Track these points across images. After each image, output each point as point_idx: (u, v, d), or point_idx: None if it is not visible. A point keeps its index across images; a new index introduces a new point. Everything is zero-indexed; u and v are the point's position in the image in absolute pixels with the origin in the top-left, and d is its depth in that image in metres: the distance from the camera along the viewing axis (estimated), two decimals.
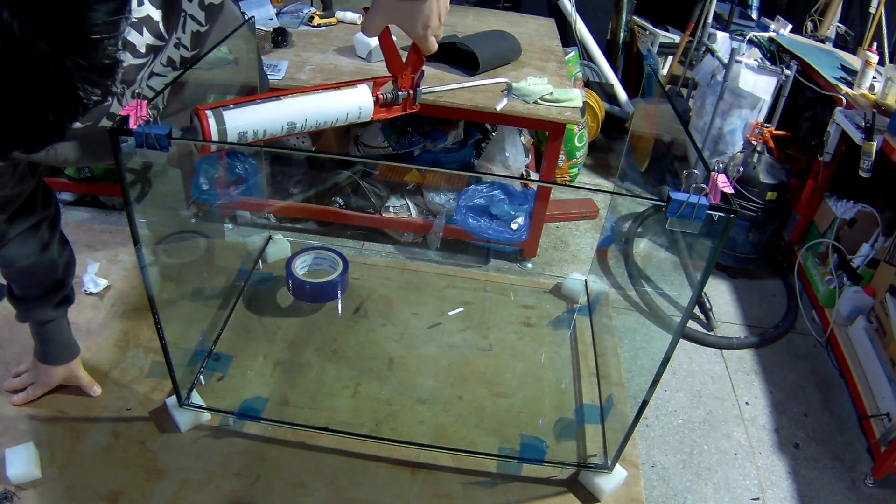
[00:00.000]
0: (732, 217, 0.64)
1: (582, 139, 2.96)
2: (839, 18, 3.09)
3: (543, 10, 3.22)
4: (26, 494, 0.83)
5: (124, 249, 1.27)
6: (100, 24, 0.46)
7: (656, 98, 3.08)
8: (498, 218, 2.37)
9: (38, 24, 0.43)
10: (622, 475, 0.91)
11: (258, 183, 2.21)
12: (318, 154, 3.22)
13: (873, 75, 2.32)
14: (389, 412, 1.00)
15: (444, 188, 2.46)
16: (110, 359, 1.04)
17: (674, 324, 2.17)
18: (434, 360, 1.11)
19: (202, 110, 0.73)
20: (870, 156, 2.00)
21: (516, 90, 2.08)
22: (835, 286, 2.25)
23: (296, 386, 1.02)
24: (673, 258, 2.62)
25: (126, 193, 0.72)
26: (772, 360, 2.18)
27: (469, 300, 1.24)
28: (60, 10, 0.44)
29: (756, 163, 2.34)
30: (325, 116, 0.82)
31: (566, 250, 2.62)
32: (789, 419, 1.96)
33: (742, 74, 2.58)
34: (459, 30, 2.60)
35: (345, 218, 2.43)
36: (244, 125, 0.76)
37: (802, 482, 1.77)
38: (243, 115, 0.76)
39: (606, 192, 1.71)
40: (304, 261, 1.18)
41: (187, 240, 1.35)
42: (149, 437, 0.92)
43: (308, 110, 0.81)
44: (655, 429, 1.88)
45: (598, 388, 1.08)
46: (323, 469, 0.90)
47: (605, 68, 3.31)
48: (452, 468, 0.93)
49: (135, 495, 0.84)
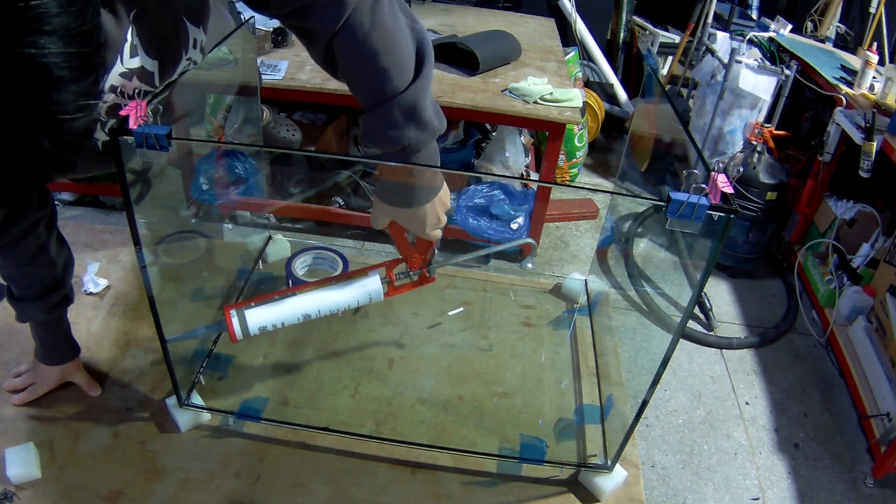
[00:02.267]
0: (732, 217, 0.64)
1: (582, 139, 2.96)
2: (839, 18, 3.09)
3: (543, 10, 3.22)
4: (26, 494, 0.83)
5: (124, 249, 1.27)
6: (69, 105, 0.45)
7: (656, 98, 3.08)
8: (498, 218, 2.37)
9: (4, 101, 0.42)
10: (622, 475, 0.91)
11: (258, 183, 2.21)
12: (318, 154, 3.22)
13: (873, 75, 2.31)
14: (389, 412, 1.00)
15: None
16: (110, 359, 1.04)
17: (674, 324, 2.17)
18: (434, 360, 1.11)
19: (227, 310, 0.84)
20: (870, 156, 2.00)
21: (516, 90, 2.08)
22: (835, 286, 2.25)
23: (296, 386, 1.02)
24: (673, 258, 2.62)
25: (126, 193, 0.72)
26: (772, 360, 2.18)
27: (469, 300, 1.24)
28: (28, 89, 0.42)
29: (756, 163, 2.34)
30: (337, 306, 0.89)
31: (566, 250, 2.62)
32: (789, 419, 1.96)
33: (742, 74, 2.57)
34: (459, 30, 2.60)
35: (345, 218, 2.43)
36: (264, 322, 0.85)
37: (802, 482, 1.77)
38: (263, 314, 0.85)
39: (606, 192, 1.71)
40: (304, 261, 1.18)
41: (187, 240, 1.35)
42: (149, 437, 0.92)
43: (322, 303, 0.88)
44: (655, 429, 1.88)
45: (598, 388, 1.08)
46: (323, 469, 0.90)
47: (605, 68, 3.31)
48: (452, 468, 0.93)
49: (135, 495, 0.84)
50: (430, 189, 0.84)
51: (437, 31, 2.57)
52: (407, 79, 0.73)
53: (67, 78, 0.44)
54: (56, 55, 0.42)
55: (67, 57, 0.43)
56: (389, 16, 0.70)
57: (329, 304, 0.88)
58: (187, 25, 0.74)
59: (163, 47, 0.73)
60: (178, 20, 0.73)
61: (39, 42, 0.41)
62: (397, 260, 0.93)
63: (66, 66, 0.43)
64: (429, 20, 2.71)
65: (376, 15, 0.69)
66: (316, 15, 0.68)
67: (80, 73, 0.44)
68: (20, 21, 0.41)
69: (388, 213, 0.86)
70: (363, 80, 0.73)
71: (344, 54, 0.72)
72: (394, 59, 0.71)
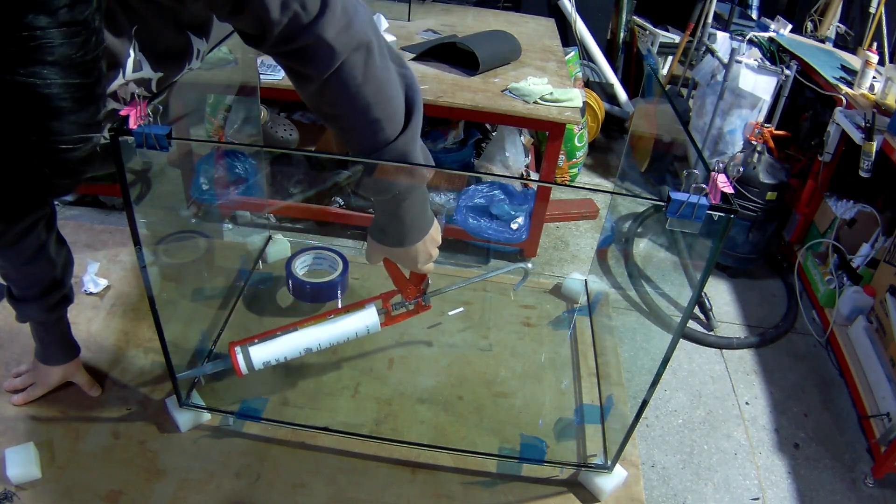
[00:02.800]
0: (732, 217, 0.64)
1: (582, 139, 2.96)
2: (839, 18, 3.09)
3: (543, 10, 3.22)
4: (26, 494, 0.83)
5: (124, 249, 1.27)
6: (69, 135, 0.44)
7: (656, 98, 3.08)
8: (498, 218, 2.37)
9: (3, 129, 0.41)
10: (622, 475, 0.91)
11: (258, 183, 2.21)
12: (318, 154, 3.22)
13: (873, 75, 2.31)
14: (389, 412, 1.00)
15: (444, 188, 2.46)
16: (110, 359, 1.04)
17: (674, 324, 2.17)
18: (434, 360, 1.11)
19: (232, 347, 0.89)
20: (870, 156, 2.00)
21: (516, 90, 2.08)
22: (835, 286, 2.25)
23: (296, 386, 1.02)
24: (673, 258, 2.62)
25: (126, 193, 0.72)
26: (772, 360, 2.18)
27: (469, 300, 1.24)
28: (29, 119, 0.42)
29: (756, 163, 2.34)
30: (336, 339, 0.94)
31: (566, 250, 2.62)
32: (789, 419, 1.96)
33: (742, 74, 2.57)
34: (459, 30, 2.60)
35: (345, 218, 2.43)
36: (267, 357, 0.90)
37: (802, 482, 1.77)
38: (266, 350, 0.90)
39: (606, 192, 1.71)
40: (304, 261, 1.18)
41: (187, 240, 1.35)
42: (149, 437, 0.92)
43: (321, 337, 0.93)
44: (655, 429, 1.88)
45: (598, 388, 1.08)
46: (323, 469, 0.90)
47: (605, 68, 3.31)
48: (452, 468, 0.93)
49: (135, 495, 0.84)
50: (420, 229, 0.87)
51: (437, 31, 2.57)
52: (398, 128, 0.75)
53: (68, 109, 0.43)
54: (58, 86, 0.42)
55: (69, 87, 0.43)
56: (381, 67, 0.72)
57: (329, 338, 0.93)
58: (191, 38, 0.75)
59: (166, 60, 0.73)
60: (184, 34, 0.73)
61: (42, 73, 0.41)
62: (393, 291, 0.98)
63: (67, 97, 0.43)
64: (429, 20, 2.71)
65: (369, 68, 0.70)
66: (308, 59, 0.69)
67: (82, 103, 0.44)
68: (23, 50, 0.40)
69: (381, 252, 0.91)
70: (355, 131, 0.75)
71: (336, 104, 0.73)
72: (386, 111, 0.73)
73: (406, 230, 0.86)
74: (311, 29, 0.65)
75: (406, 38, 2.45)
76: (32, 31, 0.40)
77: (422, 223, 0.87)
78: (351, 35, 0.68)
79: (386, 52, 0.74)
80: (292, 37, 0.66)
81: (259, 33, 0.66)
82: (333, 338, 0.94)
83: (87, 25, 0.44)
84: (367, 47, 0.70)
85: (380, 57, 0.72)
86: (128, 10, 0.63)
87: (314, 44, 0.66)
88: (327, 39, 0.66)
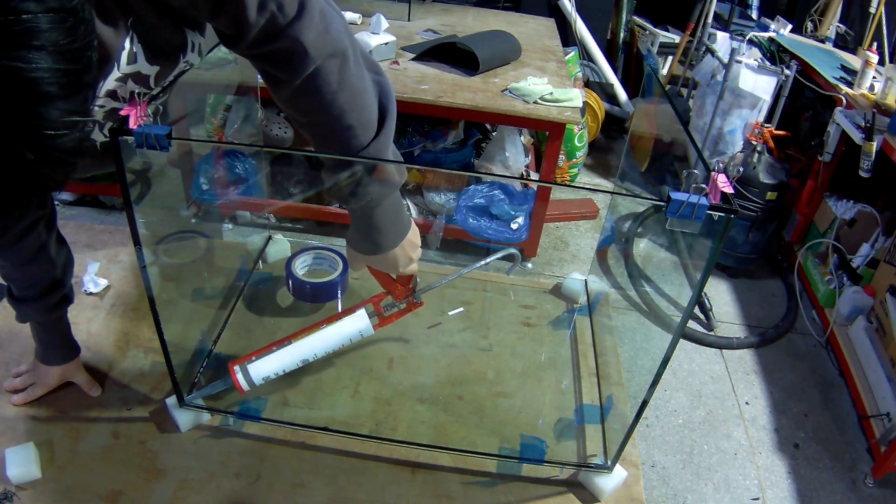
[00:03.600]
0: (732, 217, 0.64)
1: (582, 139, 2.96)
2: (839, 18, 3.09)
3: (543, 10, 3.22)
4: (26, 494, 0.83)
5: (124, 249, 1.27)
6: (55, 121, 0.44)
7: (656, 98, 3.08)
8: (498, 218, 2.37)
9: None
10: (622, 475, 0.91)
11: (258, 183, 2.21)
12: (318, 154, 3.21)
13: (873, 75, 2.31)
14: (389, 412, 1.00)
15: (444, 188, 2.46)
16: (110, 359, 1.04)
17: (674, 324, 2.17)
18: (434, 360, 1.11)
19: (231, 366, 0.92)
20: (870, 156, 2.00)
21: (516, 90, 2.08)
22: (835, 286, 2.25)
23: (295, 386, 1.02)
24: (673, 258, 2.62)
25: (126, 193, 0.72)
26: (772, 360, 2.18)
27: (469, 300, 1.24)
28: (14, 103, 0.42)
29: (756, 163, 2.34)
30: (331, 347, 0.95)
31: (566, 250, 2.62)
32: (789, 419, 1.96)
33: (742, 74, 2.58)
34: (459, 30, 2.60)
35: (345, 218, 2.42)
36: (266, 372, 0.92)
37: (802, 482, 1.77)
38: (264, 366, 0.92)
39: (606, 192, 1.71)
40: (304, 261, 1.18)
41: (187, 240, 1.35)
42: (149, 437, 0.92)
43: (316, 347, 0.94)
44: (655, 429, 1.88)
45: (598, 388, 1.08)
46: (323, 469, 0.90)
47: (605, 68, 3.31)
48: (452, 468, 0.93)
49: (135, 495, 0.84)
50: (397, 234, 0.87)
51: (437, 31, 2.57)
52: (371, 135, 0.76)
53: (55, 94, 0.43)
54: (44, 70, 0.42)
55: (56, 73, 0.43)
56: (356, 76, 0.72)
57: (324, 347, 0.95)
58: (186, 31, 0.75)
59: (162, 53, 0.73)
60: (179, 27, 0.73)
61: (27, 56, 0.41)
62: (382, 294, 0.98)
63: (54, 82, 0.43)
64: (429, 20, 2.71)
65: (344, 76, 0.71)
66: (282, 62, 0.69)
67: (69, 90, 0.44)
68: (8, 34, 0.40)
69: (361, 259, 0.91)
70: (328, 137, 0.76)
71: (311, 111, 0.74)
72: (360, 118, 0.74)
73: (382, 237, 0.86)
74: (287, 31, 0.66)
75: (406, 38, 2.45)
76: (19, 14, 0.40)
77: (398, 228, 0.87)
78: (327, 41, 0.68)
79: (361, 61, 0.74)
80: (268, 39, 0.66)
81: (235, 33, 0.66)
82: (328, 346, 0.95)
83: (76, 13, 0.44)
84: (342, 55, 0.70)
85: (355, 65, 0.72)
86: (120, 2, 0.63)
87: (290, 46, 0.67)
88: (303, 42, 0.66)
